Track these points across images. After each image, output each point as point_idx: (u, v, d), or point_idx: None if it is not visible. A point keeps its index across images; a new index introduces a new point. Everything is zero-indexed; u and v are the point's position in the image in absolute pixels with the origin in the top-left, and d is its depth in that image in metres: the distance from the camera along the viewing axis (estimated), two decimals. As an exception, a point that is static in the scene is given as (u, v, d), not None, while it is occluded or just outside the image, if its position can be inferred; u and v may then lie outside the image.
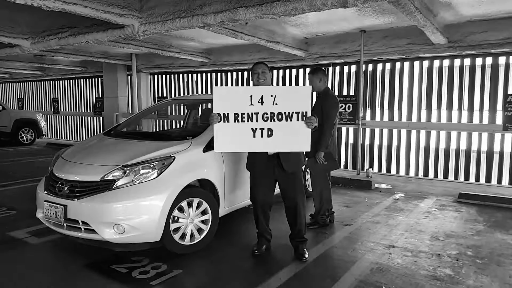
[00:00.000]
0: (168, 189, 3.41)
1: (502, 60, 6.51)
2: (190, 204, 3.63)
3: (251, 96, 3.23)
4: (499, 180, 6.77)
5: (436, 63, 7.16)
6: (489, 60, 6.61)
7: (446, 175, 7.25)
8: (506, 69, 6.51)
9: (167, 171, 3.49)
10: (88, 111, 13.29)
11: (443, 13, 5.27)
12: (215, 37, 7.13)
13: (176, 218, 3.53)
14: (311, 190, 5.68)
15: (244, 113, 3.25)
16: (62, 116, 14.48)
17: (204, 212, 3.76)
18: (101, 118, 12.40)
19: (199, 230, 3.73)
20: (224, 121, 3.28)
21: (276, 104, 3.21)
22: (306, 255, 3.56)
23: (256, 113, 3.23)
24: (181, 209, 3.56)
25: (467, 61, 6.83)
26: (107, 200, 3.29)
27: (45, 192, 3.64)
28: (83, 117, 13.71)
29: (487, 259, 3.60)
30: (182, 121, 6.73)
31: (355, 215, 4.93)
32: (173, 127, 10.73)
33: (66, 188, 3.47)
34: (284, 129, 3.24)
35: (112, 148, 3.98)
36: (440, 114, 7.20)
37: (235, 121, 3.27)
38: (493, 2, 4.88)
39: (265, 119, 3.23)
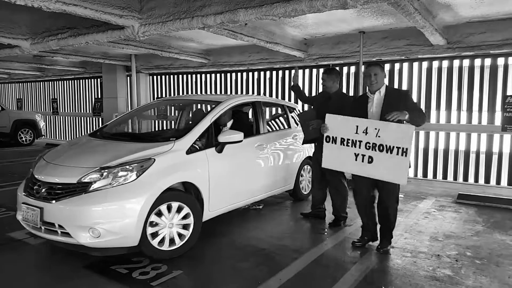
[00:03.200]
0: (146, 192, 3.30)
1: (500, 61, 6.53)
2: (170, 208, 3.51)
3: (357, 126, 3.62)
4: (498, 181, 6.79)
5: (435, 64, 7.18)
6: (488, 61, 6.63)
7: (445, 176, 7.26)
8: (505, 70, 6.52)
9: (146, 173, 3.38)
10: (87, 111, 13.29)
11: (442, 14, 5.28)
12: (214, 38, 7.14)
13: (154, 222, 3.42)
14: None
15: (349, 139, 3.66)
16: (61, 117, 14.47)
17: (186, 217, 3.63)
18: (100, 118, 12.40)
19: (180, 235, 3.60)
20: (332, 143, 3.78)
21: (379, 136, 3.53)
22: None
23: (360, 141, 3.61)
24: (160, 213, 3.45)
25: (466, 62, 6.85)
26: (83, 203, 3.19)
27: (24, 194, 3.54)
28: (82, 118, 13.70)
29: (486, 260, 3.62)
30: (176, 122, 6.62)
31: (355, 216, 4.92)
32: (171, 128, 10.73)
33: (43, 190, 3.37)
34: (383, 160, 3.53)
35: (93, 149, 3.88)
36: (439, 114, 7.21)
37: (341, 144, 3.70)
38: (492, 4, 4.89)
39: (367, 147, 3.59)
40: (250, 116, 5.67)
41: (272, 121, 6.00)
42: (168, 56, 8.18)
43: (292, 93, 8.56)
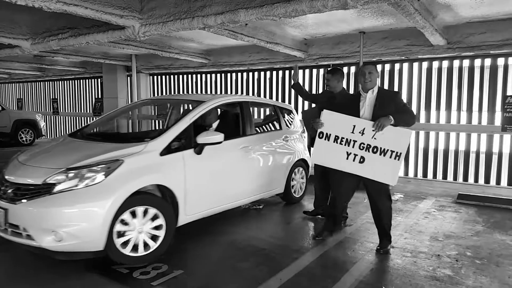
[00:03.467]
0: (112, 195, 3.16)
1: (500, 61, 6.54)
2: (139, 212, 3.35)
3: (354, 126, 3.61)
4: (498, 181, 6.80)
5: (435, 64, 7.19)
6: (488, 61, 6.64)
7: (445, 176, 7.27)
8: (504, 70, 6.53)
9: (113, 175, 3.24)
10: (88, 111, 13.29)
11: (442, 14, 5.29)
12: (214, 38, 7.14)
13: (122, 227, 3.25)
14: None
15: (343, 138, 3.65)
16: (62, 117, 14.48)
17: (157, 221, 3.46)
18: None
19: (151, 240, 3.43)
20: (325, 139, 3.74)
21: (375, 138, 3.56)
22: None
23: (355, 141, 3.62)
24: (129, 217, 3.29)
25: (466, 62, 6.85)
26: (45, 205, 3.09)
27: None
28: (83, 118, 13.70)
29: (486, 260, 3.62)
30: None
31: (355, 216, 4.95)
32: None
33: (10, 191, 3.27)
34: (375, 161, 3.57)
35: (65, 149, 3.80)
36: (439, 115, 7.22)
37: (334, 142, 3.69)
38: (492, 4, 4.90)
39: (361, 148, 3.61)
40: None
41: (263, 122, 5.95)
42: (169, 56, 8.18)
43: (293, 91, 8.62)
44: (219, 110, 5.19)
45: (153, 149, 3.60)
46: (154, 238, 3.46)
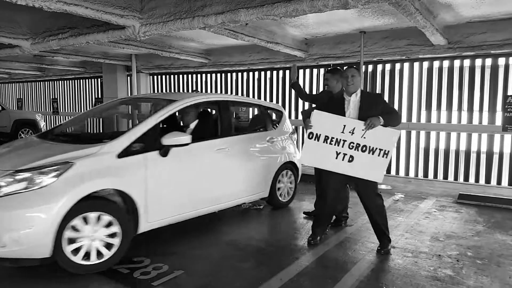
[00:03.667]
0: (60, 199, 2.99)
1: (501, 61, 6.53)
2: (91, 218, 3.18)
3: (344, 126, 3.67)
4: (499, 181, 6.79)
5: (436, 64, 7.18)
6: (488, 61, 6.64)
7: (445, 176, 7.27)
8: (505, 70, 6.53)
9: (61, 178, 3.06)
10: (88, 111, 13.28)
11: (443, 14, 5.28)
12: (215, 37, 7.14)
13: (72, 233, 3.08)
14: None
15: (333, 138, 3.69)
16: (62, 117, 14.47)
17: (112, 228, 3.28)
18: (100, 118, 12.39)
19: (105, 247, 3.26)
20: (314, 139, 3.75)
21: (365, 137, 3.64)
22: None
23: (344, 140, 3.68)
24: (79, 224, 3.12)
25: (466, 62, 6.85)
26: None
27: None
28: (83, 118, 13.69)
29: (487, 260, 3.62)
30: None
31: (355, 216, 4.94)
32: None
33: None
34: (363, 159, 3.66)
35: (22, 151, 3.68)
36: (440, 114, 7.22)
37: (324, 142, 3.72)
38: (492, 4, 4.89)
39: (351, 147, 3.68)
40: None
41: (242, 123, 5.83)
42: (169, 56, 8.18)
43: (293, 92, 8.60)
44: (201, 110, 5.05)
45: (109, 151, 3.39)
46: (108, 246, 3.28)
